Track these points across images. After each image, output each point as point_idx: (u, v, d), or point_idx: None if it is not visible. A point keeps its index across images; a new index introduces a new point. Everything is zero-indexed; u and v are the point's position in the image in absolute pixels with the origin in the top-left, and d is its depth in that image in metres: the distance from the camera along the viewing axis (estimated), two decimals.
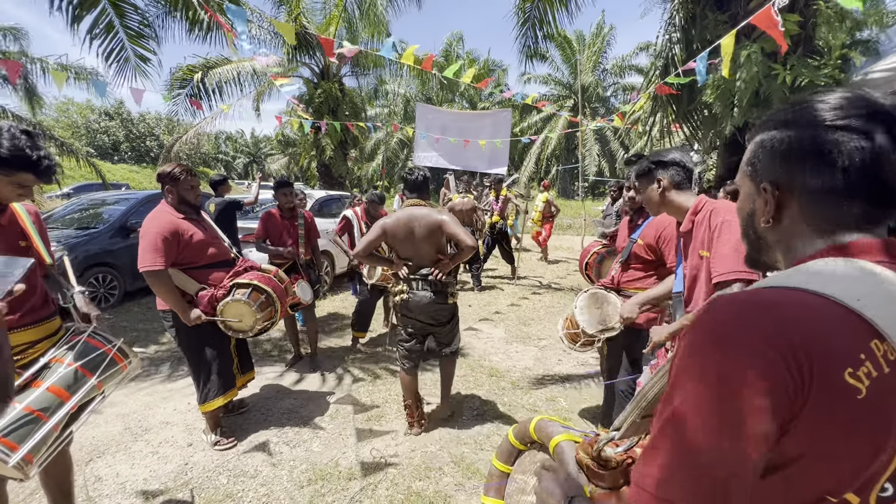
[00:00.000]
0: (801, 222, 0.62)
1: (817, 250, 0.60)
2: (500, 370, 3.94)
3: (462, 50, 22.82)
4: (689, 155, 1.84)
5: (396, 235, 2.70)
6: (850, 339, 0.50)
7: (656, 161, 1.80)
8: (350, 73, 12.71)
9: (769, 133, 0.64)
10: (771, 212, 0.64)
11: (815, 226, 0.61)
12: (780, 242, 0.65)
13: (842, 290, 0.52)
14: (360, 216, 4.53)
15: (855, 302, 0.51)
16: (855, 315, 0.50)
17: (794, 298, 0.52)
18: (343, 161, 12.28)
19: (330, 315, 5.59)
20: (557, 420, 1.18)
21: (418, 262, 2.76)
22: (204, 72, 10.35)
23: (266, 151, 42.79)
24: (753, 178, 0.67)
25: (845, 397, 0.47)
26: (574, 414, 3.24)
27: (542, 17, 6.49)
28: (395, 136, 20.86)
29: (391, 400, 3.38)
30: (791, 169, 0.61)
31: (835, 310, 0.51)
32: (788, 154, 0.61)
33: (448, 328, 2.91)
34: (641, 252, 2.53)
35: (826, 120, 0.58)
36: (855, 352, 0.49)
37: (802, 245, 0.62)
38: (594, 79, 22.85)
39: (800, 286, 0.53)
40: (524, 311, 5.85)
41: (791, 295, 0.53)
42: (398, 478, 2.48)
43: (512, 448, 1.26)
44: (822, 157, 0.58)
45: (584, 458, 0.92)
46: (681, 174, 1.76)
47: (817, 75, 4.22)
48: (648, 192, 1.83)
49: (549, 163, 23.52)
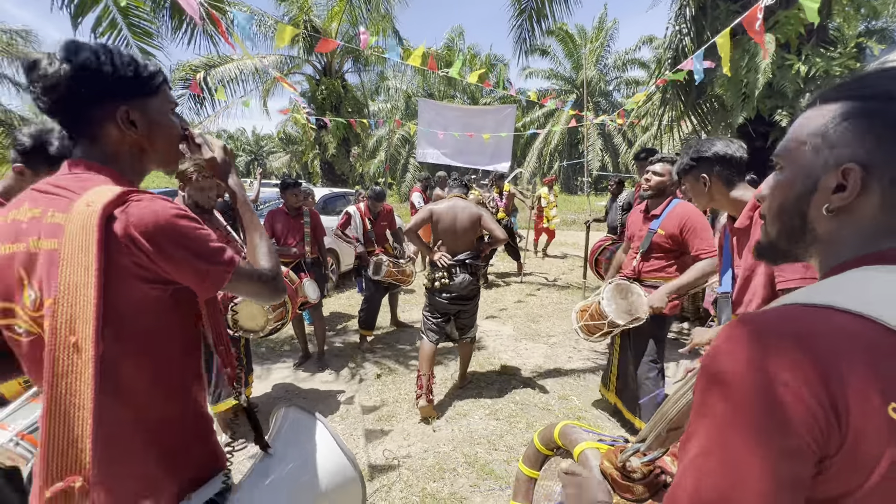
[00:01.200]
0: (877, 218, 0.52)
1: (869, 253, 0.52)
2: (510, 368, 3.89)
3: (463, 45, 22.69)
4: (734, 142, 1.67)
5: (442, 220, 3.08)
6: (891, 368, 0.43)
7: (697, 157, 1.67)
8: (352, 69, 12.64)
9: (855, 103, 0.53)
10: (851, 197, 0.53)
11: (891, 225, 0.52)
12: (833, 236, 0.56)
13: (888, 308, 0.45)
14: (362, 212, 4.50)
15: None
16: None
17: (829, 322, 0.46)
18: (346, 158, 12.23)
19: (336, 313, 5.55)
20: (583, 425, 1.16)
21: (455, 248, 3.11)
22: (206, 70, 10.30)
23: (268, 149, 42.75)
24: (820, 152, 0.55)
25: (889, 434, 0.42)
26: (587, 413, 3.19)
27: (539, 9, 6.38)
28: (398, 132, 20.79)
29: (401, 399, 3.34)
30: (885, 149, 0.51)
31: (875, 334, 0.44)
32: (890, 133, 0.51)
33: (471, 307, 3.22)
34: (662, 242, 2.52)
35: None
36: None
37: (859, 245, 0.53)
38: (597, 73, 22.69)
39: (837, 305, 0.47)
40: (532, 308, 5.80)
41: (825, 317, 0.47)
42: (412, 479, 2.44)
43: (538, 453, 1.25)
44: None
45: (609, 468, 0.90)
46: (728, 168, 1.63)
47: (832, 65, 4.13)
48: (694, 190, 1.71)
49: (551, 158, 23.41)
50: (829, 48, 4.34)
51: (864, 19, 4.53)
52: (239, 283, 0.89)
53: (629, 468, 0.87)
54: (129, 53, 0.84)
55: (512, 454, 2.66)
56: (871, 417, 0.42)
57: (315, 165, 12.57)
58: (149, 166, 0.92)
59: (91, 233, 0.73)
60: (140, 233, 0.76)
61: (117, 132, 0.85)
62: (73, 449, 0.69)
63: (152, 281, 0.80)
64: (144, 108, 0.86)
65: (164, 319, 0.84)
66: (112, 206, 0.76)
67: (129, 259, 0.76)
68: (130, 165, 0.89)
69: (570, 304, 5.96)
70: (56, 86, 0.79)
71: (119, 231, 0.75)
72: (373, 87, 18.84)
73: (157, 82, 0.88)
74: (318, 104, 11.18)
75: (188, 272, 0.81)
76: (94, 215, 0.73)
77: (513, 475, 2.44)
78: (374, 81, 16.61)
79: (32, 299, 0.78)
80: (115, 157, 0.87)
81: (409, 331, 4.88)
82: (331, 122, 8.96)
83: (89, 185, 0.80)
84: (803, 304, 0.49)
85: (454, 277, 3.05)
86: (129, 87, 0.84)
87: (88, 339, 0.71)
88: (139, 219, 0.76)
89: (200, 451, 0.93)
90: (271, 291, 0.95)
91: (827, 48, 4.33)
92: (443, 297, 3.08)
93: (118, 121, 0.84)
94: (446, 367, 3.89)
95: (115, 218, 0.76)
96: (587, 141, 8.90)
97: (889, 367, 0.43)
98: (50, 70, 0.78)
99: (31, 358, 0.81)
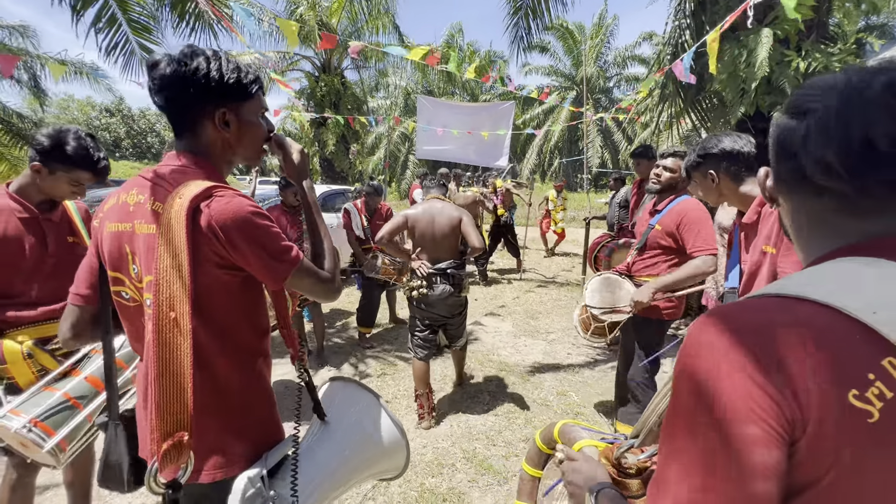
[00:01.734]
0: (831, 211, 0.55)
1: (843, 246, 0.53)
2: (509, 364, 3.90)
3: (463, 41, 22.60)
4: (742, 137, 1.66)
5: (418, 224, 2.84)
6: (853, 357, 0.45)
7: (704, 154, 1.66)
8: (351, 66, 12.61)
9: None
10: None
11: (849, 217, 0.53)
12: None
13: (855, 300, 0.46)
14: (359, 208, 4.51)
15: (870, 315, 0.45)
16: (866, 329, 0.45)
17: (791, 312, 0.48)
18: (345, 155, 12.22)
19: (336, 310, 5.56)
20: (583, 424, 1.20)
21: (435, 255, 2.87)
22: None
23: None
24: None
25: (852, 420, 0.43)
26: (586, 409, 3.20)
27: (535, 6, 6.35)
28: (397, 129, 20.76)
29: (400, 395, 3.35)
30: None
31: (840, 324, 0.46)
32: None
33: (459, 320, 3.04)
34: (659, 238, 2.45)
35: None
36: (861, 372, 0.44)
37: (835, 237, 0.55)
38: (597, 70, 22.62)
39: (806, 296, 0.48)
40: (531, 305, 5.80)
41: (789, 308, 0.48)
42: (410, 474, 2.45)
43: (540, 453, 1.27)
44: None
45: (606, 464, 0.93)
46: (736, 163, 1.62)
47: (831, 61, 4.12)
48: (703, 186, 1.70)
49: (551, 155, 23.36)
50: (828, 44, 4.33)
51: (864, 15, 4.52)
52: (300, 280, 0.98)
53: (625, 465, 0.88)
54: (235, 61, 0.97)
55: (510, 450, 2.67)
56: (832, 404, 0.43)
57: (314, 162, 12.56)
58: (235, 160, 1.04)
59: (181, 222, 0.84)
60: (220, 226, 0.87)
61: (213, 130, 0.96)
62: (181, 408, 0.82)
63: (226, 267, 0.91)
64: (238, 111, 0.98)
65: (234, 300, 0.95)
66: (198, 199, 0.87)
67: (209, 247, 0.88)
68: (221, 158, 1.01)
69: (569, 300, 5.96)
70: (171, 85, 0.92)
71: (203, 223, 0.87)
72: (372, 83, 18.78)
73: (254, 89, 0.99)
74: (318, 101, 11.16)
75: (257, 265, 0.92)
76: (183, 208, 0.85)
77: (511, 470, 2.46)
78: (374, 78, 16.55)
79: (136, 273, 0.94)
80: (209, 150, 0.99)
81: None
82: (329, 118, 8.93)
83: (184, 179, 0.91)
84: (776, 294, 0.51)
85: (434, 288, 2.81)
86: (229, 92, 0.95)
87: (186, 315, 0.84)
88: (220, 213, 0.87)
89: (264, 420, 1.05)
90: (327, 291, 1.05)
91: (826, 44, 4.32)
92: (422, 307, 2.89)
93: (215, 121, 0.95)
94: (447, 363, 3.90)
95: (201, 211, 0.87)
96: (587, 138, 8.88)
97: (849, 355, 0.45)
98: (168, 71, 0.91)
99: (132, 321, 1.00)
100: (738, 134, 1.67)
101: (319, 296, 1.05)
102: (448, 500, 2.26)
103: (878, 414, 0.43)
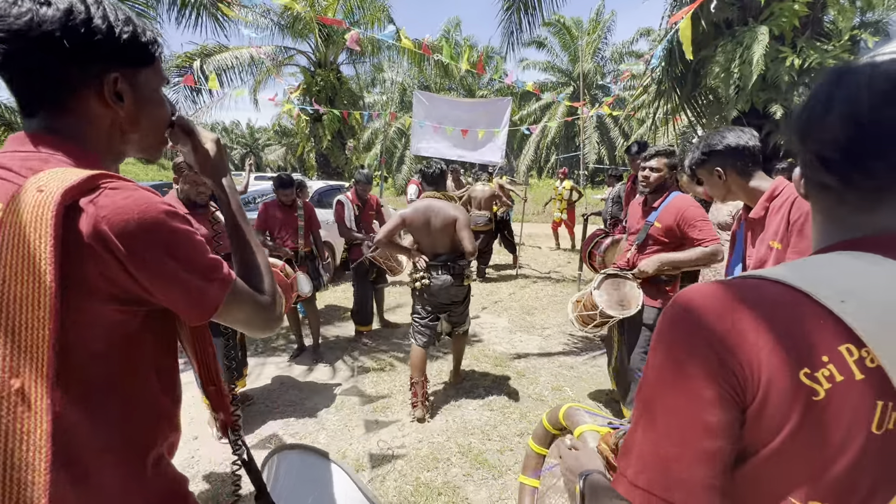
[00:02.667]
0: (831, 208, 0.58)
1: (844, 240, 0.55)
2: (504, 360, 3.92)
3: (460, 36, 22.51)
4: (745, 131, 1.64)
5: (414, 224, 2.92)
6: (812, 339, 0.47)
7: (709, 151, 1.65)
8: (347, 60, 12.52)
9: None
10: (800, 190, 0.62)
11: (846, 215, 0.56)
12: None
13: (826, 287, 0.49)
14: (352, 199, 4.52)
15: (837, 303, 0.47)
16: (829, 316, 0.47)
17: (759, 291, 0.51)
18: (341, 151, 12.16)
19: (332, 306, 5.56)
20: (588, 408, 1.25)
21: (434, 250, 2.98)
22: (202, 59, 10.15)
23: (263, 142, 42.44)
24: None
25: (798, 395, 0.46)
26: (580, 403, 3.22)
27: (527, 1, 6.35)
28: (394, 125, 20.70)
29: (396, 391, 3.36)
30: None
31: (805, 307, 0.48)
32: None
33: (462, 307, 3.13)
34: (658, 235, 2.51)
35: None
36: (817, 353, 0.47)
37: (834, 232, 0.57)
38: (593, 66, 22.60)
39: (780, 279, 0.51)
40: (527, 301, 5.82)
41: (758, 286, 0.52)
42: (406, 469, 2.47)
43: (546, 432, 1.35)
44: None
45: (605, 449, 0.96)
46: (742, 159, 1.61)
47: (826, 57, 4.13)
48: (710, 183, 1.70)
49: (548, 151, 23.36)
50: (823, 41, 4.34)
51: (859, 12, 4.53)
52: (235, 308, 0.71)
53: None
54: (125, 10, 0.67)
55: (505, 444, 2.69)
56: (782, 378, 0.46)
57: (311, 158, 12.50)
58: (127, 150, 0.73)
59: (44, 229, 0.53)
60: (116, 232, 0.57)
61: (98, 104, 0.66)
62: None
63: (121, 300, 0.61)
64: (135, 80, 0.69)
65: (132, 353, 0.65)
66: (75, 192, 0.57)
67: (96, 268, 0.58)
68: (107, 146, 0.70)
69: (565, 296, 5.98)
70: (25, 32, 0.59)
71: (85, 228, 0.56)
72: (368, 78, 18.68)
73: (156, 51, 0.71)
74: (314, 96, 11.09)
75: (178, 290, 0.64)
76: (48, 205, 0.54)
77: (506, 465, 2.48)
78: (370, 73, 16.45)
79: None
80: (87, 134, 0.67)
81: (406, 326, 4.90)
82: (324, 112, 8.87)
83: (43, 166, 0.60)
84: (757, 276, 0.54)
85: (435, 278, 2.92)
86: (123, 51, 0.66)
87: (41, 383, 0.52)
88: (116, 213, 0.58)
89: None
90: (267, 321, 0.77)
91: (821, 41, 4.33)
92: (425, 296, 2.99)
93: (104, 90, 0.65)
94: (442, 360, 3.91)
95: (81, 210, 0.57)
96: (583, 134, 8.89)
97: (807, 337, 0.47)
98: (16, 9, 0.58)
99: None
100: (742, 128, 1.65)
101: (257, 328, 0.77)
102: (443, 493, 2.28)
103: (823, 393, 0.46)
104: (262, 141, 42.84)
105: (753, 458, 0.49)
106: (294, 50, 11.79)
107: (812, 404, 0.46)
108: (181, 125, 0.81)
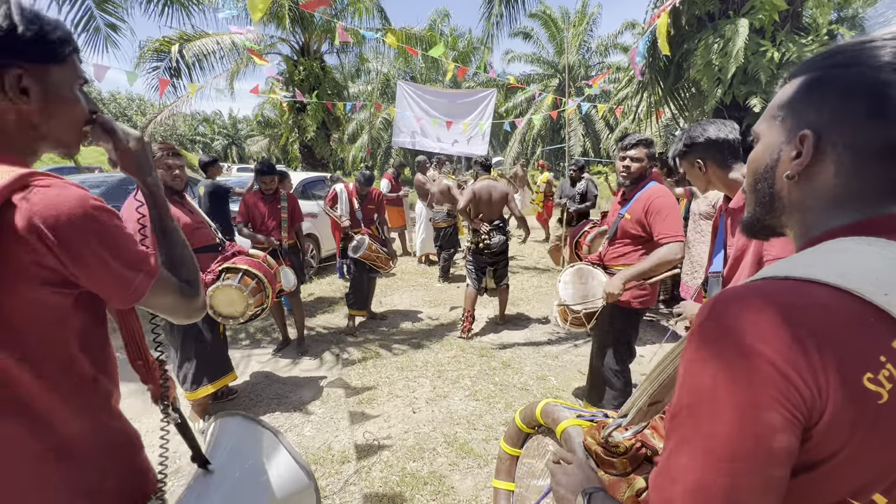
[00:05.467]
0: (836, 185, 0.53)
1: (842, 224, 0.53)
2: (490, 350, 3.95)
3: (446, 27, 22.30)
4: (726, 124, 1.68)
5: (482, 197, 4.13)
6: (867, 340, 0.45)
7: (690, 143, 1.68)
8: (331, 50, 12.31)
9: (817, 73, 0.55)
10: (805, 162, 0.54)
11: (851, 192, 0.53)
12: (800, 205, 0.57)
13: (866, 282, 0.46)
14: (350, 192, 4.54)
15: (881, 297, 0.45)
16: (875, 310, 0.45)
17: (807, 296, 0.47)
18: (326, 142, 12.00)
19: (316, 299, 5.51)
20: (565, 403, 1.16)
21: (491, 217, 4.19)
22: (181, 44, 9.80)
23: (245, 133, 41.59)
24: (785, 123, 0.57)
25: (865, 403, 0.44)
26: (565, 392, 3.27)
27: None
28: (379, 116, 20.47)
29: (382, 383, 3.36)
30: (841, 116, 0.52)
31: (854, 307, 0.46)
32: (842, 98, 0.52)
33: (504, 262, 4.28)
34: (629, 227, 2.45)
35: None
36: (874, 354, 0.44)
37: (827, 215, 0.55)
38: (579, 58, 22.64)
39: (815, 278, 0.47)
40: (512, 292, 5.83)
41: (804, 290, 0.47)
42: (392, 459, 2.48)
43: (520, 432, 1.25)
44: (885, 105, 0.49)
45: (592, 443, 0.91)
46: (722, 151, 1.64)
47: (804, 51, 4.22)
48: (691, 175, 1.73)
49: (534, 143, 23.40)
50: (801, 35, 4.43)
51: (836, 7, 4.62)
52: (160, 296, 0.79)
53: (612, 443, 0.87)
54: (32, 9, 0.70)
55: (491, 433, 2.72)
56: (849, 388, 0.44)
57: (294, 149, 12.29)
58: (41, 146, 0.77)
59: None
60: (48, 226, 0.64)
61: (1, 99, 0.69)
62: None
63: (54, 283, 0.68)
64: (43, 78, 0.72)
65: (66, 328, 0.72)
66: (8, 190, 0.63)
67: (29, 257, 0.64)
68: (19, 141, 0.73)
69: (550, 288, 6.03)
70: None
71: (19, 222, 0.63)
72: (353, 69, 18.40)
73: (66, 50, 0.74)
74: (297, 85, 10.88)
75: (106, 277, 0.71)
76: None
77: (492, 453, 2.50)
78: (354, 63, 16.18)
79: None
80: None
81: (391, 317, 4.89)
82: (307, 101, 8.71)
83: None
84: (783, 277, 0.50)
85: (493, 238, 4.05)
86: (26, 49, 0.69)
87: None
88: (47, 208, 0.64)
89: (121, 477, 0.81)
90: (190, 309, 0.85)
91: (800, 35, 4.42)
92: (485, 254, 4.11)
93: (4, 85, 0.68)
94: (429, 349, 3.92)
95: (14, 206, 0.63)
96: (569, 126, 8.91)
97: (863, 338, 0.45)
98: None
99: None
100: (723, 121, 1.68)
101: (181, 315, 0.85)
102: (429, 483, 2.30)
103: (886, 395, 0.44)
104: (245, 132, 41.97)
105: (811, 472, 0.47)
106: (275, 38, 11.53)
107: (878, 409, 0.44)
108: (101, 123, 0.84)
